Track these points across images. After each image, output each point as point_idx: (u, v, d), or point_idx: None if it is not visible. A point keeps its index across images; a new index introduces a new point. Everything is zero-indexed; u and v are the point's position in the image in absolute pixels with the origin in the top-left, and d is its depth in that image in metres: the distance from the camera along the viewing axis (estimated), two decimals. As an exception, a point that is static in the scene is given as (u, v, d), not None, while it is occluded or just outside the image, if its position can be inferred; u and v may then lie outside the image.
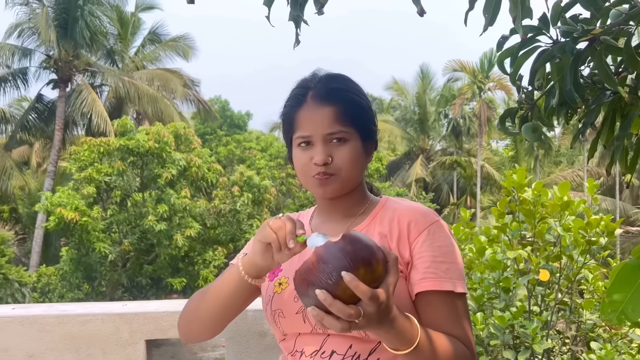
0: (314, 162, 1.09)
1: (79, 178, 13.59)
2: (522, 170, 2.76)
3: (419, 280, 1.04)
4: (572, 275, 2.73)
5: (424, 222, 1.08)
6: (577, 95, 0.97)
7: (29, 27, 18.67)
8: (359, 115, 1.13)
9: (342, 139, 1.10)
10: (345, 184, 1.12)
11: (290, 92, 1.17)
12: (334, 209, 1.18)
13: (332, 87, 1.13)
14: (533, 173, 23.66)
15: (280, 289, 1.13)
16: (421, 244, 1.06)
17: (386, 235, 1.09)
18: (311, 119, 1.10)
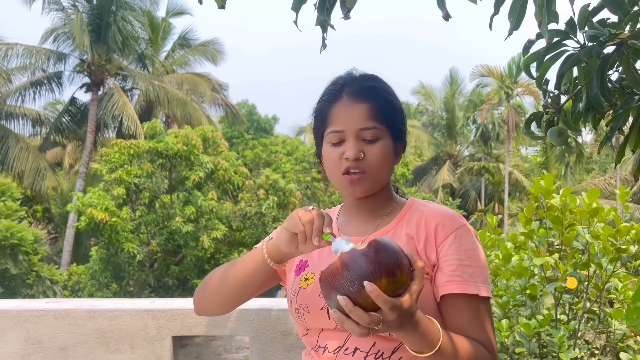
0: (345, 156, 1.09)
1: (109, 179, 13.89)
2: (550, 176, 2.72)
3: (445, 282, 1.05)
4: (601, 284, 2.67)
5: (451, 226, 1.09)
6: (604, 99, 0.96)
7: (64, 32, 19.22)
8: (391, 114, 1.13)
9: (375, 137, 1.10)
10: (375, 184, 1.12)
11: (324, 89, 1.18)
12: (360, 209, 1.19)
13: (367, 84, 1.13)
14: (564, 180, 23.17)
15: (306, 284, 1.14)
16: (448, 247, 1.07)
17: (413, 237, 1.10)
18: (345, 114, 1.10)
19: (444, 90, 27.84)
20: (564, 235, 2.68)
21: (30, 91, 19.48)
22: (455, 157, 28.08)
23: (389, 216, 1.17)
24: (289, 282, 1.19)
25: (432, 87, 28.72)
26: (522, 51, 1.07)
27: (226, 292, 1.17)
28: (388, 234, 1.12)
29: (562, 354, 2.39)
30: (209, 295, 1.21)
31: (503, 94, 24.11)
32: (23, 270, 13.89)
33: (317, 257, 1.17)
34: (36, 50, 19.08)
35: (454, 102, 27.08)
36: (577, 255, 2.72)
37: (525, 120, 1.16)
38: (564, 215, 2.65)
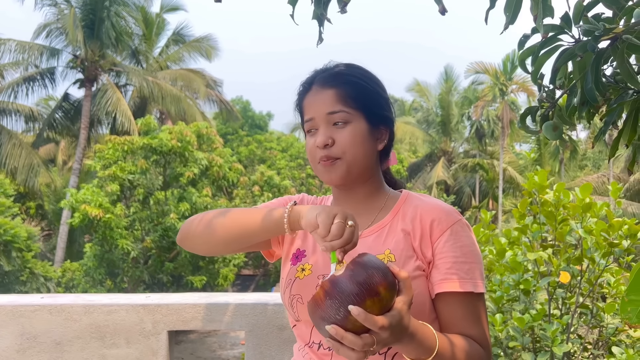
0: (315, 144, 1.09)
1: (103, 176, 13.84)
2: (544, 172, 2.74)
3: (440, 280, 1.05)
4: (594, 279, 2.70)
5: (446, 221, 1.08)
6: (599, 94, 0.97)
7: (57, 27, 19.09)
8: (363, 97, 1.11)
9: (344, 120, 1.08)
10: (350, 169, 1.10)
11: (302, 81, 1.18)
12: (348, 201, 1.17)
13: (336, 72, 1.13)
14: (557, 176, 23.30)
15: (302, 275, 1.13)
16: (443, 243, 1.06)
17: (409, 233, 1.09)
18: (313, 101, 1.11)
19: (438, 87, 27.91)
20: (558, 230, 2.70)
21: (23, 87, 19.35)
22: (450, 153, 28.16)
23: (383, 210, 1.15)
24: (284, 270, 1.18)
25: (427, 84, 28.79)
26: (518, 46, 1.08)
27: (222, 236, 1.13)
28: (384, 229, 1.11)
29: (555, 348, 2.41)
30: (203, 230, 1.15)
31: (497, 91, 24.20)
32: (16, 267, 13.83)
33: (313, 247, 1.17)
34: (29, 46, 18.94)
35: (449, 99, 27.15)
36: (570, 250, 2.75)
37: (521, 115, 1.17)
38: (557, 210, 2.67)
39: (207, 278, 14.36)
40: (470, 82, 26.70)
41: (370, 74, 1.16)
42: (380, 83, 1.17)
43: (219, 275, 14.41)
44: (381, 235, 1.12)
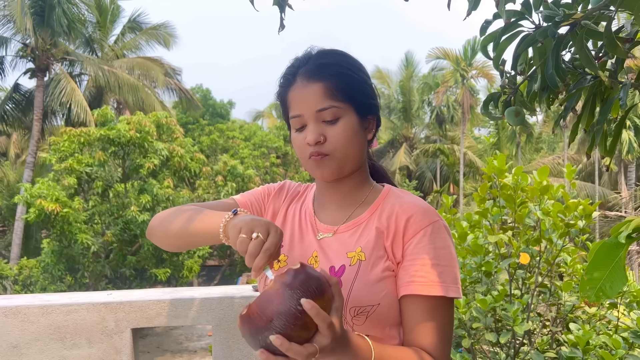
0: (306, 142, 1.06)
1: (59, 169, 13.38)
2: (503, 156, 2.80)
3: (406, 282, 1.02)
4: (552, 258, 2.78)
5: (421, 222, 1.04)
6: (559, 79, 0.98)
7: (4, 14, 18.21)
8: (351, 89, 1.07)
9: (334, 116, 1.05)
10: (342, 165, 1.08)
11: (283, 72, 1.13)
12: (333, 193, 1.15)
13: (321, 62, 1.08)
14: (515, 159, 23.98)
15: (277, 266, 1.12)
16: (415, 245, 1.03)
17: (383, 232, 1.06)
18: (300, 97, 1.06)
19: (399, 74, 28.16)
20: (517, 212, 2.76)
21: (-32, 78, 18.42)
22: (412, 139, 28.56)
23: (362, 205, 1.13)
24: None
25: (388, 70, 29.00)
26: (480, 31, 1.08)
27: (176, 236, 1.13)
28: (361, 226, 1.10)
29: (517, 327, 2.48)
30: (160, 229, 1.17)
31: (459, 76, 24.60)
32: (-31, 266, 13.27)
33: (290, 237, 1.16)
34: (-26, 34, 18.02)
35: (410, 85, 27.44)
36: (529, 232, 2.82)
37: (484, 101, 1.17)
38: (516, 193, 2.74)
39: (172, 270, 14.16)
40: (431, 69, 27.05)
41: (354, 60, 1.12)
42: (364, 69, 1.13)
43: (183, 267, 14.23)
44: (356, 232, 1.09)
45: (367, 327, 1.01)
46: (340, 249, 1.08)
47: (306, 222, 1.16)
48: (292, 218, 1.19)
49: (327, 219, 1.15)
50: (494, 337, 2.61)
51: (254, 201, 1.23)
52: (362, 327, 1.01)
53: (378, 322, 1.02)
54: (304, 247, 1.12)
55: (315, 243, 1.12)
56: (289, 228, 1.17)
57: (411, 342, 1.01)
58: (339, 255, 1.07)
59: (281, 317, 0.78)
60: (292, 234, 1.16)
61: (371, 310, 1.00)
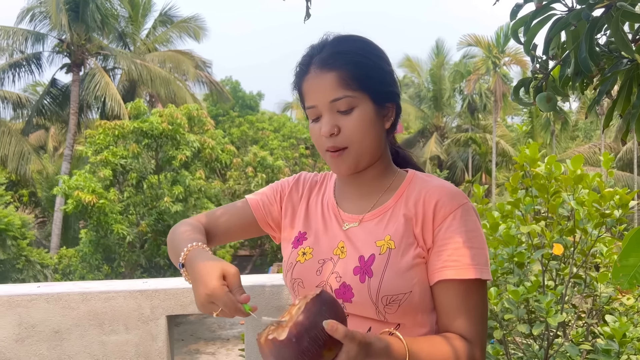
0: (321, 133, 1.03)
1: (95, 161, 13.74)
2: (535, 144, 2.74)
3: (439, 268, 1.00)
4: (587, 249, 2.72)
5: (450, 205, 1.02)
6: (593, 63, 0.96)
7: (41, 11, 18.72)
8: (367, 77, 1.03)
9: (349, 106, 1.01)
10: (359, 158, 1.05)
11: (297, 62, 1.09)
12: (354, 183, 1.13)
13: (335, 50, 1.04)
14: (549, 148, 23.40)
15: (303, 259, 1.10)
16: (445, 229, 1.01)
17: (411, 219, 1.04)
18: (314, 87, 1.03)
19: (429, 62, 27.75)
20: (550, 202, 2.70)
21: (9, 74, 19.06)
22: (442, 128, 28.16)
23: (387, 192, 1.10)
24: (286, 252, 1.16)
25: (418, 59, 28.60)
26: (510, 16, 1.05)
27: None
28: (387, 213, 1.07)
29: (550, 319, 2.43)
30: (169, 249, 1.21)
31: (490, 64, 24.09)
32: (12, 255, 13.80)
33: (314, 229, 1.15)
34: (13, 31, 18.60)
35: (441, 73, 27.02)
36: (563, 222, 2.76)
37: (514, 87, 1.15)
38: (549, 183, 2.68)
39: (204, 260, 14.35)
40: (462, 56, 26.55)
41: (371, 46, 1.07)
42: (383, 55, 1.08)
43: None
44: (383, 220, 1.07)
45: (399, 315, 1.00)
46: (367, 238, 1.06)
47: (329, 214, 1.14)
48: (315, 210, 1.17)
49: (351, 208, 1.12)
50: (526, 328, 2.58)
51: (265, 201, 1.22)
52: (394, 315, 1.00)
53: (410, 310, 1.01)
54: (329, 239, 1.11)
55: (341, 234, 1.10)
56: (313, 221, 1.16)
57: (446, 327, 1.01)
58: (367, 244, 1.05)
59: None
60: (316, 226, 1.14)
61: (403, 299, 0.99)
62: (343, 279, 1.04)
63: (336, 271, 1.06)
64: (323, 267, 1.08)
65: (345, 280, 1.04)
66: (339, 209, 1.13)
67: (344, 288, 1.03)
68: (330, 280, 1.06)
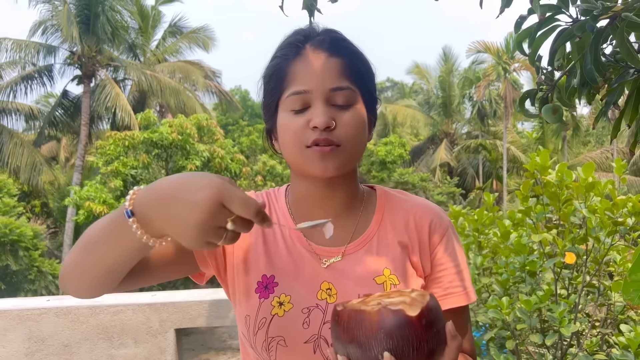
0: (312, 125, 0.85)
1: (105, 172, 13.86)
2: (546, 152, 2.72)
3: (443, 296, 0.92)
4: (600, 257, 2.68)
5: (442, 226, 0.95)
6: (598, 74, 0.95)
7: (52, 24, 19.02)
8: (365, 75, 0.92)
9: (348, 101, 0.88)
10: (350, 160, 0.89)
11: (282, 41, 0.94)
12: (326, 200, 0.94)
13: (336, 37, 0.91)
14: (560, 154, 23.23)
15: (282, 311, 0.88)
16: (442, 252, 0.94)
17: (407, 246, 0.93)
18: (312, 70, 0.86)
19: (438, 69, 27.73)
20: (562, 210, 2.68)
21: (21, 86, 19.33)
22: (452, 135, 28.06)
23: (363, 214, 0.96)
24: (247, 303, 0.91)
25: (426, 65, 28.59)
26: (514, 28, 1.05)
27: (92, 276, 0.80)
28: (373, 242, 0.93)
29: (563, 328, 2.40)
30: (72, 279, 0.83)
31: (500, 70, 24.01)
32: (24, 266, 13.92)
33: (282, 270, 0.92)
34: (25, 44, 18.89)
35: (450, 79, 26.98)
36: (575, 230, 2.73)
37: (519, 99, 1.14)
38: (560, 190, 2.65)
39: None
40: (471, 62, 26.50)
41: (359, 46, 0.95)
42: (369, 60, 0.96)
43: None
44: (371, 250, 0.93)
45: None
46: (361, 274, 0.90)
47: (296, 247, 0.93)
48: (275, 245, 0.94)
49: (323, 238, 0.92)
50: (539, 338, 2.54)
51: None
52: None
53: None
54: (307, 281, 0.90)
55: (322, 272, 0.91)
56: (277, 259, 0.92)
57: None
58: (364, 282, 0.90)
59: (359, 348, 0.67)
60: (283, 266, 0.92)
61: None
62: None
63: (329, 320, 0.87)
64: (310, 317, 0.88)
65: None
66: (308, 242, 0.94)
67: None
68: (324, 332, 0.87)
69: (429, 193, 21.26)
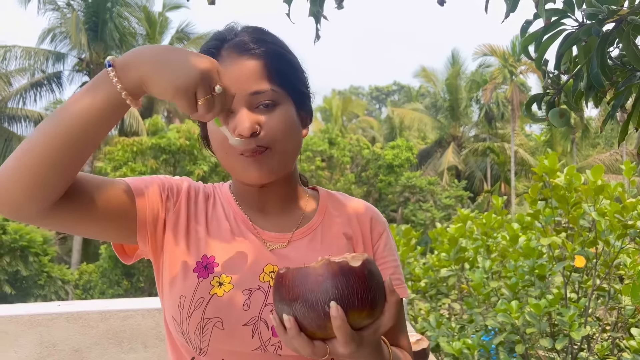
0: (237, 133, 0.83)
1: (114, 177, 13.96)
2: (554, 155, 2.71)
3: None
4: (610, 261, 2.67)
5: (381, 223, 0.98)
6: (605, 78, 0.95)
7: (61, 31, 19.23)
8: (289, 73, 0.89)
9: (272, 102, 0.85)
10: (284, 161, 0.88)
11: (201, 48, 0.92)
12: (268, 199, 0.94)
13: (255, 37, 0.88)
14: (569, 156, 23.08)
15: (221, 291, 0.85)
16: (382, 247, 0.96)
17: (352, 238, 0.95)
18: (229, 76, 0.81)
19: (445, 72, 27.68)
20: (571, 213, 2.67)
21: (30, 93, 19.54)
22: (460, 138, 27.96)
23: (307, 206, 0.97)
24: (184, 282, 0.87)
25: (433, 69, 28.58)
26: (520, 32, 1.05)
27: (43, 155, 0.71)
28: (317, 232, 0.95)
29: (574, 332, 2.39)
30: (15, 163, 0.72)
31: (507, 73, 23.94)
32: (34, 272, 14.03)
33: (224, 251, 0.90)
34: (34, 52, 19.10)
35: (457, 83, 26.92)
36: (585, 234, 2.72)
37: (526, 103, 1.14)
38: (569, 193, 2.64)
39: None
40: (478, 66, 26.44)
41: (284, 41, 0.93)
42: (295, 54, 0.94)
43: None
44: (314, 240, 0.94)
45: None
46: (303, 259, 0.89)
47: (241, 231, 0.92)
48: (218, 228, 0.92)
49: (268, 226, 0.94)
50: (549, 342, 2.53)
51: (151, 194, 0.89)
52: None
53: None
54: (250, 262, 0.89)
55: (267, 255, 0.90)
56: (219, 241, 0.90)
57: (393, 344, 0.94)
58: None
59: (305, 304, 0.68)
60: (224, 247, 0.90)
61: None
62: None
63: (271, 302, 0.85)
64: (250, 299, 0.85)
65: None
66: (254, 226, 0.93)
67: None
68: (265, 315, 0.85)
69: (436, 197, 21.20)
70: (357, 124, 31.99)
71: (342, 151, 19.78)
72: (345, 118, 31.77)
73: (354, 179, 19.67)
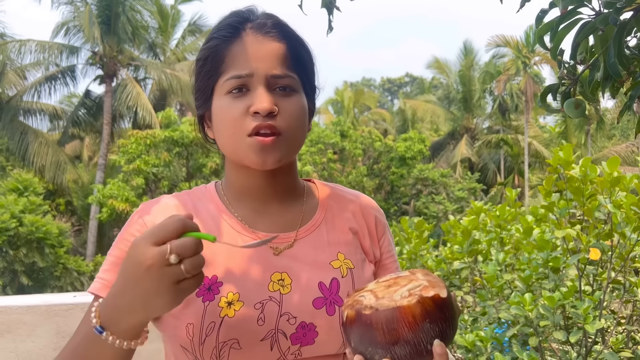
0: (254, 110, 0.80)
1: (127, 170, 14.10)
2: (569, 146, 2.68)
3: None
4: (625, 253, 2.64)
5: (383, 216, 0.99)
6: (622, 67, 0.93)
7: (74, 25, 19.38)
8: (307, 63, 0.89)
9: (290, 88, 0.84)
10: (290, 151, 0.85)
11: (219, 23, 0.89)
12: (266, 190, 0.89)
13: (277, 22, 0.87)
14: (584, 148, 22.81)
15: (232, 311, 0.80)
16: (388, 241, 0.97)
17: (358, 232, 0.93)
18: (253, 53, 0.81)
19: (458, 63, 27.43)
20: (586, 206, 2.64)
21: (45, 86, 19.74)
22: (473, 130, 27.75)
23: (307, 201, 0.93)
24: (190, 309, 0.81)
25: (446, 60, 28.31)
26: (535, 22, 1.04)
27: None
28: (321, 228, 0.91)
29: (588, 325, 2.37)
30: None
31: (520, 64, 23.65)
32: (50, 263, 14.24)
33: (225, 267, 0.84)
34: (48, 45, 19.27)
35: (470, 74, 26.66)
36: (600, 226, 2.69)
37: (540, 94, 1.13)
38: (584, 185, 2.61)
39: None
40: (491, 57, 26.16)
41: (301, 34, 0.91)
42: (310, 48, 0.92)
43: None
44: (321, 235, 0.90)
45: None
46: (315, 258, 0.87)
47: (236, 240, 0.86)
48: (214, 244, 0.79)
49: (269, 226, 0.89)
50: (563, 335, 2.51)
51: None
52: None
53: None
54: (255, 274, 0.84)
55: (272, 262, 0.85)
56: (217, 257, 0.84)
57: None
58: (321, 267, 0.87)
59: (406, 347, 0.66)
60: (225, 263, 0.84)
61: None
62: (300, 319, 0.82)
63: (287, 312, 0.82)
64: (264, 312, 0.81)
65: (304, 320, 0.82)
66: (254, 231, 0.87)
67: (304, 330, 0.82)
68: (282, 326, 0.81)
69: (449, 189, 21.09)
70: (369, 116, 31.89)
71: (354, 143, 19.73)
72: (357, 110, 31.66)
73: (366, 172, 19.63)
